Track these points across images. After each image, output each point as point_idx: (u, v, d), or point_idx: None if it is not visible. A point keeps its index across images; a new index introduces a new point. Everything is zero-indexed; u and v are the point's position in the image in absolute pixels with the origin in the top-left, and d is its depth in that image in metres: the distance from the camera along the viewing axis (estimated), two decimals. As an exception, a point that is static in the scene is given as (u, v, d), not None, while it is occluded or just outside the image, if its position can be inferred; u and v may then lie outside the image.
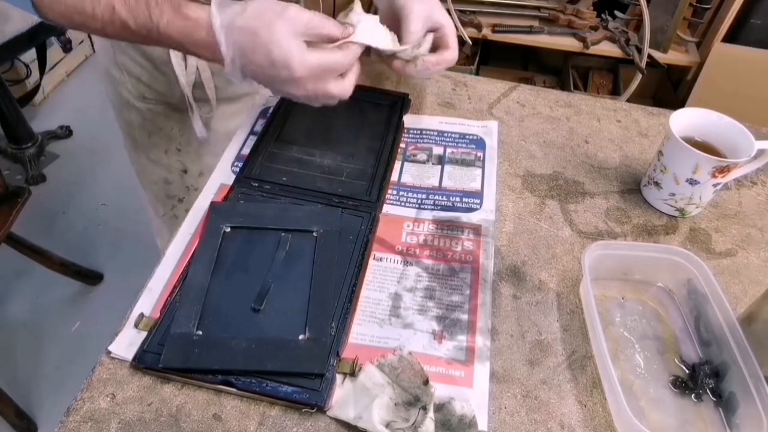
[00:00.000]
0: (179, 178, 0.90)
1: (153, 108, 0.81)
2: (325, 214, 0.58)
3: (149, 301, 0.52)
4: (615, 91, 1.86)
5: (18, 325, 1.51)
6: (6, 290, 1.58)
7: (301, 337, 0.48)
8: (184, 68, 0.74)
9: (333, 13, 0.73)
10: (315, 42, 0.54)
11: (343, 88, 0.56)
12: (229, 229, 0.56)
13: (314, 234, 0.56)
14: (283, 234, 0.56)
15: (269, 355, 0.47)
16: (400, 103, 0.73)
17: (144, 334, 0.49)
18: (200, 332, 0.48)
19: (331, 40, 0.55)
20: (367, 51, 0.59)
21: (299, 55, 0.52)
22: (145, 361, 0.47)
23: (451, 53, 0.62)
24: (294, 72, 0.52)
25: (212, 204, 0.60)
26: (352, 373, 0.47)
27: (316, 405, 0.45)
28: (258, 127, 0.70)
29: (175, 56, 0.72)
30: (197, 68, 0.75)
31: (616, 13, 1.74)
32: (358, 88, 0.74)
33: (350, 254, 0.55)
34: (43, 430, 1.31)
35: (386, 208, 0.62)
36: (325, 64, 0.54)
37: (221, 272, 0.53)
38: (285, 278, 0.52)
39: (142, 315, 0.50)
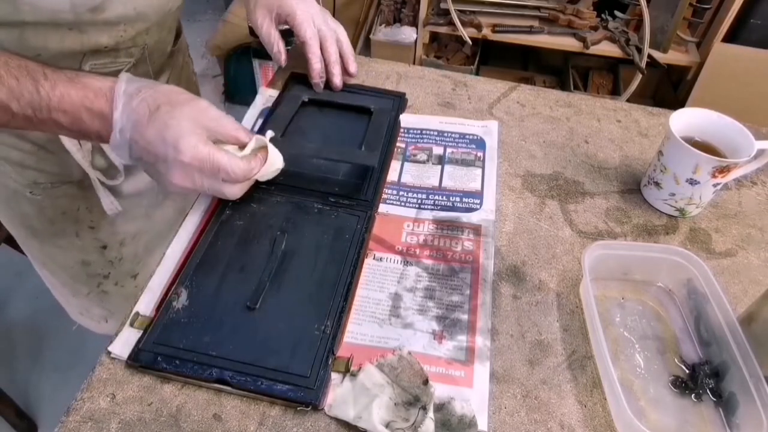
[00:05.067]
0: (99, 256, 0.80)
1: (50, 192, 0.71)
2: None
3: (149, 301, 0.52)
4: (615, 91, 1.86)
5: (18, 325, 1.51)
6: (6, 290, 1.58)
7: (291, 336, 0.48)
8: (76, 140, 0.66)
9: (332, 16, 0.73)
10: (221, 143, 0.53)
11: (232, 189, 0.54)
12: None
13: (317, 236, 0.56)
14: (280, 234, 0.56)
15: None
16: (397, 102, 0.73)
17: (140, 332, 0.49)
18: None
19: (239, 143, 0.54)
20: None
21: (192, 140, 0.49)
22: (140, 360, 0.47)
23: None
24: (180, 155, 0.49)
25: (215, 209, 0.60)
26: (347, 371, 0.47)
27: (311, 403, 0.45)
28: (257, 128, 0.70)
29: None
30: None
31: (616, 13, 1.74)
32: (356, 87, 0.75)
33: (346, 253, 0.55)
34: (43, 430, 1.31)
35: (386, 208, 0.62)
36: (217, 163, 0.50)
37: (219, 267, 0.53)
38: (281, 277, 0.53)
39: (137, 314, 0.50)
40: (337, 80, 0.72)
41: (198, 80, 0.93)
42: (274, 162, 0.58)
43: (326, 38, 0.70)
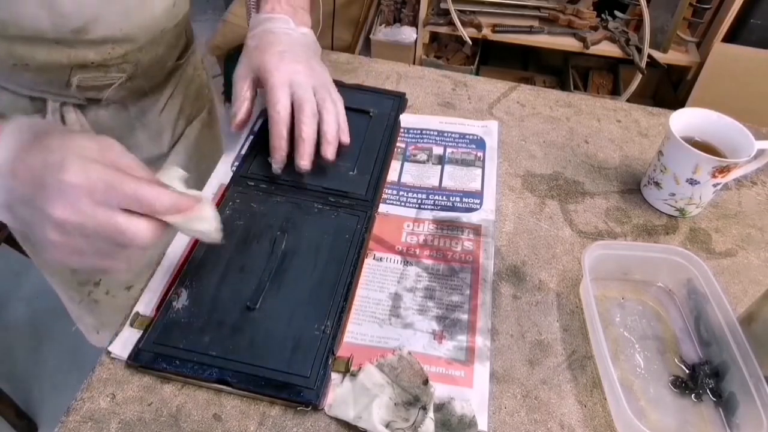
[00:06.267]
0: None
1: None
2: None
3: (149, 301, 0.52)
4: (615, 91, 1.86)
5: (18, 325, 1.51)
6: (6, 290, 1.58)
7: (291, 336, 0.48)
8: None
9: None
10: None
11: (137, 226, 0.39)
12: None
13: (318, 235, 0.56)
14: (280, 234, 0.56)
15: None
16: (397, 102, 0.73)
17: (140, 332, 0.49)
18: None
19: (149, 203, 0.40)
20: None
21: (80, 160, 0.38)
22: (140, 360, 0.47)
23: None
24: (65, 174, 0.37)
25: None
26: (347, 371, 0.47)
27: (311, 403, 0.45)
28: (257, 127, 0.70)
29: None
30: None
31: (616, 13, 1.74)
32: (356, 87, 0.75)
33: (346, 253, 0.55)
34: (43, 430, 1.31)
35: (386, 208, 0.62)
36: (114, 181, 0.38)
37: (219, 267, 0.53)
38: (281, 277, 0.53)
39: (137, 314, 0.51)
40: (302, 163, 0.58)
41: (213, 95, 0.86)
42: (205, 217, 0.44)
43: (301, 108, 0.57)
